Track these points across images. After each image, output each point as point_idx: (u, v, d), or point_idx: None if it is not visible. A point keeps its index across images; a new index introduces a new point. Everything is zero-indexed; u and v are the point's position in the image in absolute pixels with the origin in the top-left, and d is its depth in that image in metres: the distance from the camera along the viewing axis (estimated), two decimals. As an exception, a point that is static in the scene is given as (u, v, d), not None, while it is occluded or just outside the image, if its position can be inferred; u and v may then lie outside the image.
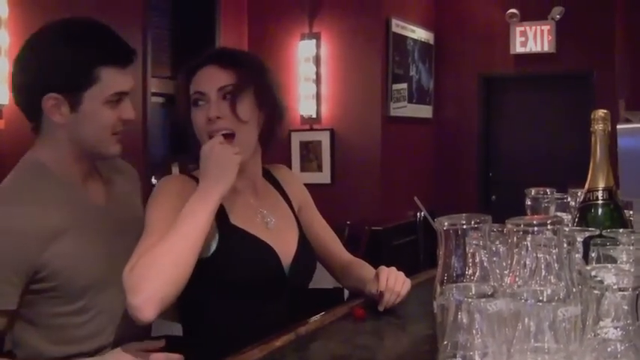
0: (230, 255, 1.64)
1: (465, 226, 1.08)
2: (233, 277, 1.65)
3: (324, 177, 6.16)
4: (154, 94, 5.24)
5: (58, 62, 1.56)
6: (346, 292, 2.20)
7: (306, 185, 2.04)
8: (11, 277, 1.48)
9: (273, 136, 1.80)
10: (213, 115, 1.66)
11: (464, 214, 1.10)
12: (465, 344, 1.09)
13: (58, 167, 1.62)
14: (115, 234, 1.66)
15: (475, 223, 1.08)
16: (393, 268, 1.86)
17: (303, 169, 6.18)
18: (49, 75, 1.57)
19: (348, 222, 5.73)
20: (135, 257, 1.51)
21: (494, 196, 7.36)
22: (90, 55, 1.56)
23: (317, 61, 6.28)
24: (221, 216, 1.67)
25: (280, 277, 1.72)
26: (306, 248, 1.84)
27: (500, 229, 1.21)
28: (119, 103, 1.61)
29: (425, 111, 7.18)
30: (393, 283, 1.79)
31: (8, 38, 4.06)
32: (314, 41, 6.27)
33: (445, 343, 1.12)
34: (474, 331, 1.08)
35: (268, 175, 1.92)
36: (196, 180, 1.72)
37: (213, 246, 1.64)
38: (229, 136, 1.68)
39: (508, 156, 7.42)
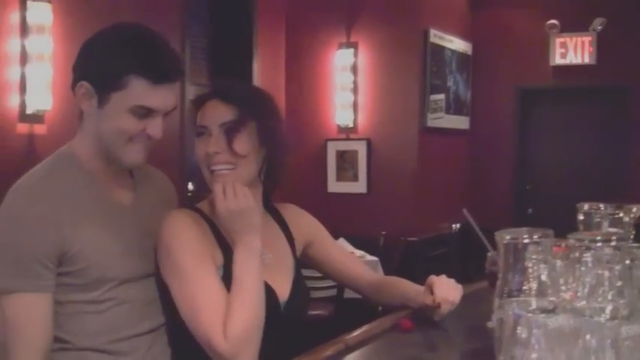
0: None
1: (526, 241, 1.07)
2: None
3: (359, 187, 6.10)
4: (192, 101, 5.27)
5: (98, 57, 1.61)
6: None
7: (342, 195, 2.03)
8: (43, 260, 1.53)
9: (274, 173, 1.80)
10: (212, 151, 1.69)
11: (524, 228, 1.09)
12: (522, 359, 1.08)
13: (87, 159, 1.66)
14: (139, 235, 1.69)
15: (537, 237, 1.07)
16: (444, 277, 1.86)
17: (338, 178, 6.12)
18: (87, 65, 1.62)
19: (383, 232, 5.72)
20: (215, 318, 1.54)
21: (530, 209, 7.29)
22: (124, 60, 1.58)
23: (354, 70, 6.29)
24: (229, 251, 1.68)
25: (275, 313, 1.71)
26: (301, 285, 1.85)
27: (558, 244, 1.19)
28: (148, 117, 1.60)
29: (462, 122, 7.15)
30: (447, 292, 1.81)
31: (52, 45, 4.11)
32: (351, 50, 6.28)
33: (502, 358, 1.11)
34: (531, 347, 1.06)
35: (275, 213, 1.92)
36: (198, 212, 1.74)
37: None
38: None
39: (544, 169, 7.35)
